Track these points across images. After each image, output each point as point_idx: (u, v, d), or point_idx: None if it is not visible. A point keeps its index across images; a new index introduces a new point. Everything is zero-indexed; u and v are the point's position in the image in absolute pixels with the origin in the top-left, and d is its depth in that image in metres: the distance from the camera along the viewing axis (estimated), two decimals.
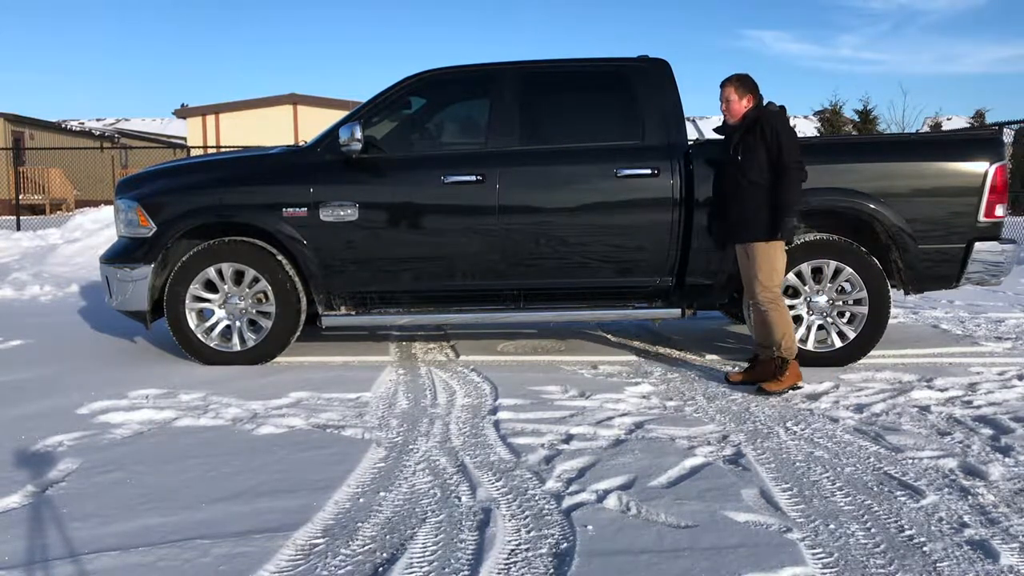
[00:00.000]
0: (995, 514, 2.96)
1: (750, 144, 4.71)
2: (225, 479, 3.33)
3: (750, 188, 4.71)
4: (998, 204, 5.27)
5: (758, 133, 4.68)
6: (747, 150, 4.72)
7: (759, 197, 4.68)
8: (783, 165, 4.62)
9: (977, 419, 4.13)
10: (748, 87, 4.81)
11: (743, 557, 2.63)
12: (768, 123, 4.67)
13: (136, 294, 5.43)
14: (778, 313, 4.77)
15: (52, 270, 10.55)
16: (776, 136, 4.63)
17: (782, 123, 4.71)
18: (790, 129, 4.75)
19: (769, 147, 4.64)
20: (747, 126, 4.75)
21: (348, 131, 5.14)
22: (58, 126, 32.55)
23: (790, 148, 4.63)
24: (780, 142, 4.62)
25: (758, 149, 4.67)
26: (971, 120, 31.15)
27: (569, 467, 3.46)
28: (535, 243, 5.37)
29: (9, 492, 3.18)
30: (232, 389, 4.77)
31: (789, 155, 4.62)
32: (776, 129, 4.64)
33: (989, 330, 6.62)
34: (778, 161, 4.63)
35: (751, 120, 4.75)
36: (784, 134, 4.65)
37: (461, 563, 2.61)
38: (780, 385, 4.68)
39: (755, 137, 4.69)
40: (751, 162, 4.70)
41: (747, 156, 4.72)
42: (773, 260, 4.73)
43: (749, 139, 4.72)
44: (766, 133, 4.65)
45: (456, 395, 4.69)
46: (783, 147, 4.62)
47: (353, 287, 5.48)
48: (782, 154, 4.62)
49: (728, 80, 4.86)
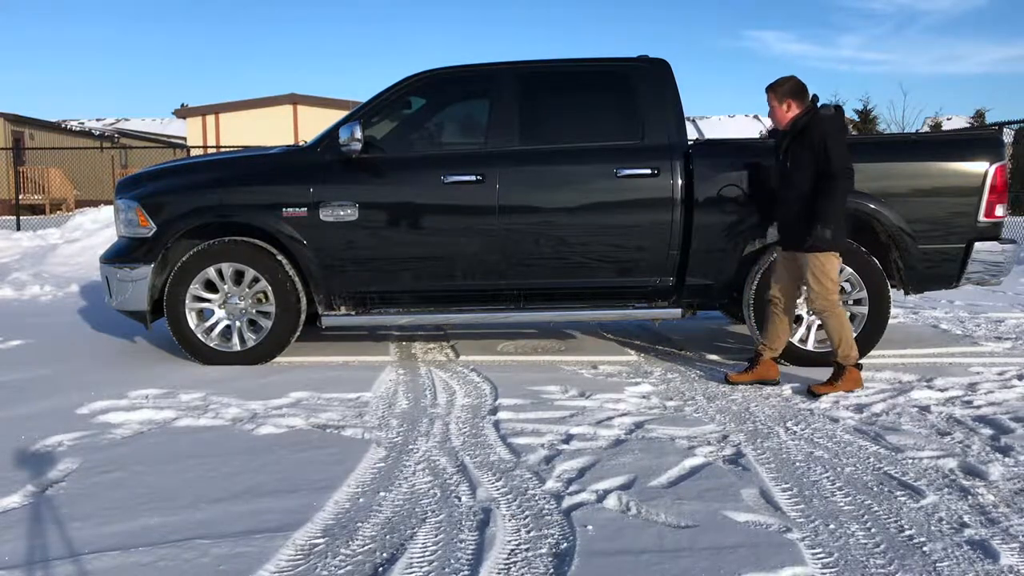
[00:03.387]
0: (995, 514, 2.96)
1: (797, 151, 4.59)
2: (225, 479, 3.33)
3: (798, 197, 4.60)
4: (998, 204, 5.27)
5: (807, 140, 4.54)
6: (794, 157, 4.61)
7: (807, 206, 4.55)
8: (830, 173, 4.46)
9: (977, 419, 4.13)
10: (787, 93, 4.67)
11: (743, 557, 2.63)
12: (817, 129, 4.51)
13: (136, 294, 5.43)
14: (834, 320, 4.66)
15: (52, 270, 10.55)
16: (823, 143, 4.46)
17: (831, 129, 4.53)
18: (840, 135, 4.59)
19: (816, 154, 4.50)
20: (795, 133, 4.63)
21: (348, 131, 5.14)
22: (58, 126, 32.55)
23: (838, 156, 4.46)
24: (827, 148, 4.45)
25: (807, 157, 4.54)
26: (971, 120, 31.14)
27: (569, 467, 3.46)
28: (535, 243, 5.37)
29: (9, 492, 3.18)
30: (232, 389, 4.77)
31: (837, 163, 4.45)
32: (824, 136, 4.47)
33: (989, 330, 6.62)
34: (825, 169, 4.48)
35: (800, 126, 4.61)
36: (832, 140, 4.47)
37: (461, 563, 2.61)
38: (832, 389, 4.61)
39: (803, 144, 4.56)
40: (798, 170, 4.59)
41: (794, 164, 4.61)
42: (826, 268, 4.61)
43: (796, 146, 4.61)
44: (814, 140, 4.50)
45: (456, 395, 4.69)
46: (831, 154, 4.45)
47: (353, 287, 5.48)
48: (830, 162, 4.45)
49: (768, 86, 4.73)
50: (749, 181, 5.28)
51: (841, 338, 4.68)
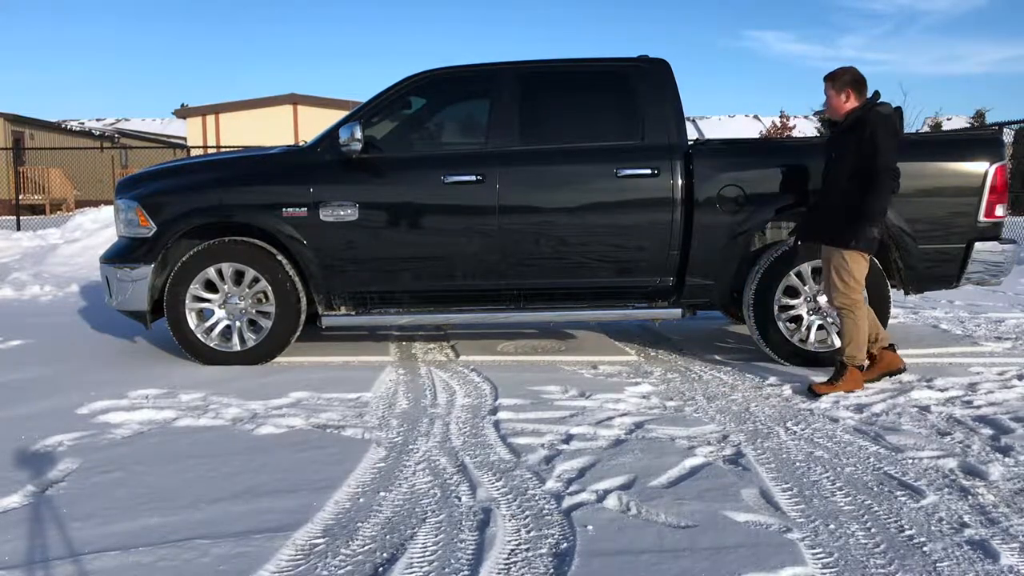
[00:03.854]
0: (995, 514, 2.96)
1: (847, 145, 4.55)
2: (225, 479, 3.33)
3: (839, 190, 4.58)
4: (998, 204, 5.27)
5: (856, 134, 4.50)
6: (843, 150, 4.58)
7: (845, 201, 4.53)
8: (875, 170, 4.39)
9: (977, 419, 4.12)
10: (847, 83, 4.61)
11: (743, 557, 2.63)
12: (869, 124, 4.44)
13: (136, 294, 5.43)
14: (851, 321, 4.64)
15: (52, 270, 10.55)
16: (873, 139, 4.40)
17: (884, 126, 4.45)
18: (891, 134, 4.48)
19: (863, 150, 4.44)
20: (849, 125, 4.59)
21: (348, 131, 5.14)
22: (58, 126, 32.56)
23: (885, 153, 4.39)
24: (876, 144, 4.38)
25: (853, 151, 4.50)
26: (971, 120, 31.13)
27: (569, 467, 3.46)
28: (535, 243, 5.37)
29: (9, 492, 3.18)
30: (232, 389, 4.77)
31: (883, 160, 4.39)
32: (874, 131, 4.40)
33: (989, 330, 6.62)
34: (870, 166, 4.41)
35: (853, 120, 4.57)
36: (881, 137, 4.39)
37: (461, 563, 2.61)
38: (833, 388, 4.60)
39: (853, 138, 4.51)
40: (845, 164, 4.55)
41: (841, 157, 4.59)
42: (852, 268, 4.58)
43: (847, 139, 4.56)
44: (864, 135, 4.44)
45: (456, 395, 4.69)
46: (878, 150, 4.38)
47: (353, 287, 5.48)
48: (876, 158, 4.39)
49: (827, 76, 4.69)
50: (750, 181, 5.28)
51: (852, 339, 4.66)
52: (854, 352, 4.67)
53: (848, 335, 4.67)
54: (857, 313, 4.66)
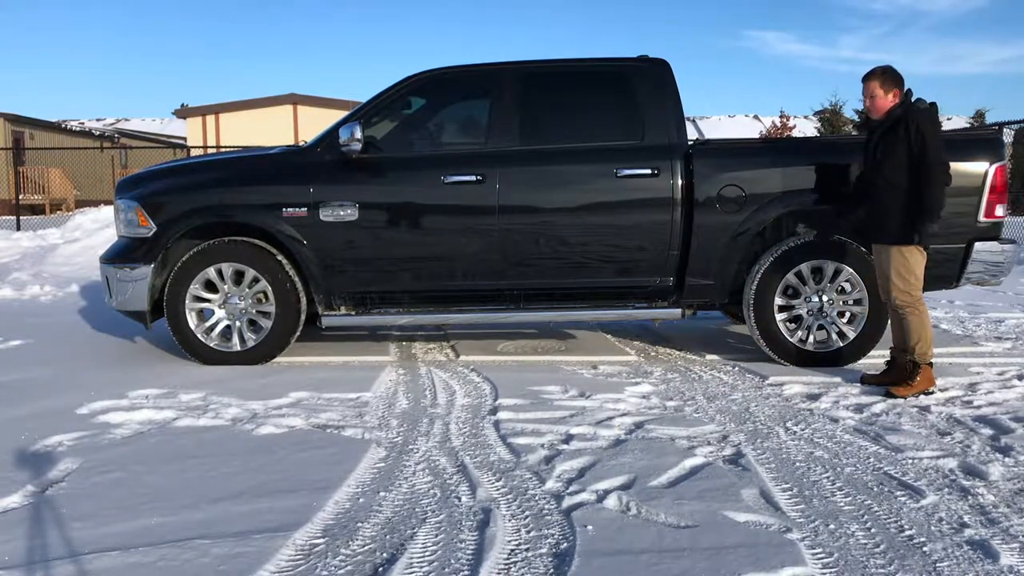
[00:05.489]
0: (995, 514, 2.96)
1: (891, 143, 4.53)
2: (225, 479, 3.33)
3: (887, 189, 4.56)
4: (998, 204, 5.27)
5: (901, 131, 4.47)
6: (888, 149, 4.56)
7: (896, 199, 4.52)
8: (926, 165, 4.39)
9: (977, 419, 4.13)
10: (894, 81, 4.62)
11: (743, 557, 2.63)
12: (913, 120, 4.43)
13: (136, 294, 5.43)
14: (915, 317, 4.61)
15: (52, 270, 10.55)
16: (920, 134, 4.39)
17: (928, 121, 4.46)
18: (936, 128, 4.51)
19: (912, 146, 4.43)
20: (890, 123, 4.57)
21: (348, 131, 5.14)
22: (58, 126, 32.55)
23: (935, 147, 4.40)
24: (924, 140, 4.38)
25: (899, 148, 4.49)
26: (971, 120, 31.16)
27: (569, 467, 3.46)
28: (535, 243, 5.37)
29: (9, 492, 3.18)
30: (232, 389, 4.77)
31: (934, 155, 4.39)
32: (920, 127, 4.41)
33: (989, 330, 6.62)
34: (921, 161, 4.41)
35: (895, 117, 4.56)
36: (929, 133, 4.40)
37: (461, 563, 2.61)
38: (911, 390, 4.56)
39: (897, 135, 4.50)
40: (891, 162, 4.53)
41: (887, 155, 4.56)
42: (910, 264, 4.57)
43: (891, 137, 4.54)
44: (910, 131, 4.42)
45: (456, 395, 4.69)
46: (927, 146, 4.39)
47: (353, 287, 5.48)
48: (926, 153, 4.39)
49: (872, 74, 4.67)
50: (750, 181, 5.28)
51: (921, 336, 4.62)
52: (924, 349, 4.62)
53: (916, 333, 4.62)
54: (921, 308, 4.64)
